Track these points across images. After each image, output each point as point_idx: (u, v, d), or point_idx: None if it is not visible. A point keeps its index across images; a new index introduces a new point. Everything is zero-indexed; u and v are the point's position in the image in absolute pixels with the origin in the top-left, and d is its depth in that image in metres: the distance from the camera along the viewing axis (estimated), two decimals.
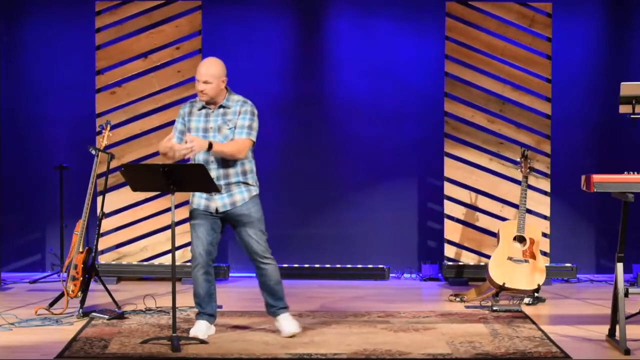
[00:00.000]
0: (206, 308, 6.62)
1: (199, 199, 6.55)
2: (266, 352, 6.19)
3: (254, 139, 6.60)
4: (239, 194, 6.55)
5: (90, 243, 8.11)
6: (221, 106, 6.57)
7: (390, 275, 9.25)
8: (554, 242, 9.01)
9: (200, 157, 6.50)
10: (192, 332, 6.55)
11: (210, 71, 6.50)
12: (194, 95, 8.92)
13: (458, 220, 9.04)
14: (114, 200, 8.90)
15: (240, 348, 6.30)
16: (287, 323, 6.66)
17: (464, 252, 9.03)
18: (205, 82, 6.49)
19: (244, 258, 9.33)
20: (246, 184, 6.58)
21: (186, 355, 6.11)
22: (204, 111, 6.57)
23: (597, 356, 6.17)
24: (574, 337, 6.68)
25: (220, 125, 6.52)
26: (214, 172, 6.47)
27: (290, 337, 6.59)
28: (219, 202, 6.53)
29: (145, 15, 8.99)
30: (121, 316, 7.23)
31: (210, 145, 6.38)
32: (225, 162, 6.50)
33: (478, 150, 9.03)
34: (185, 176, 6.33)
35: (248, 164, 6.60)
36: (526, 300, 7.90)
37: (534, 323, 7.10)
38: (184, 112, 6.62)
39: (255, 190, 6.62)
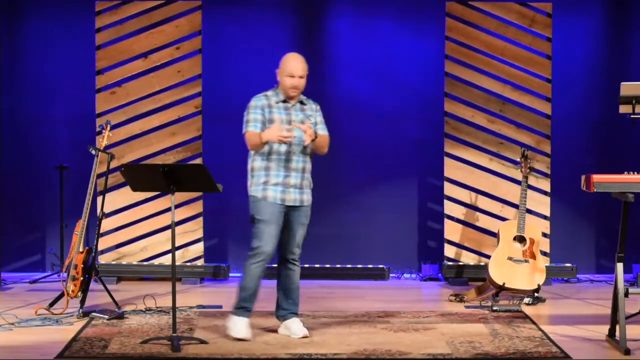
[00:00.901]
0: (251, 304, 6.56)
1: (275, 192, 6.47)
2: (266, 352, 6.19)
3: None
4: (306, 194, 6.58)
5: (90, 243, 8.11)
6: (300, 101, 6.59)
7: (390, 275, 9.25)
8: (554, 242, 9.01)
9: (283, 149, 6.45)
10: (238, 334, 6.44)
11: (303, 66, 6.53)
12: (195, 95, 9.00)
13: (458, 220, 9.04)
14: (114, 200, 8.90)
15: (240, 348, 6.30)
16: (298, 326, 6.63)
17: (464, 252, 9.03)
18: (301, 77, 6.50)
19: (244, 258, 9.42)
20: (310, 183, 6.61)
21: (186, 355, 6.11)
22: (282, 104, 6.54)
23: (597, 356, 6.17)
24: (574, 337, 6.68)
25: (302, 120, 6.52)
26: (295, 163, 6.49)
27: (304, 337, 6.54)
28: (293, 195, 6.51)
29: (145, 15, 9.00)
30: (121, 316, 7.22)
31: (316, 135, 6.46)
32: (305, 156, 6.54)
33: (478, 150, 9.03)
34: (185, 176, 6.34)
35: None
36: (526, 300, 7.90)
37: (534, 323, 7.09)
38: (262, 104, 6.52)
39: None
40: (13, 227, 9.30)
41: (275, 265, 6.27)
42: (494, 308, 7.56)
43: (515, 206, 8.72)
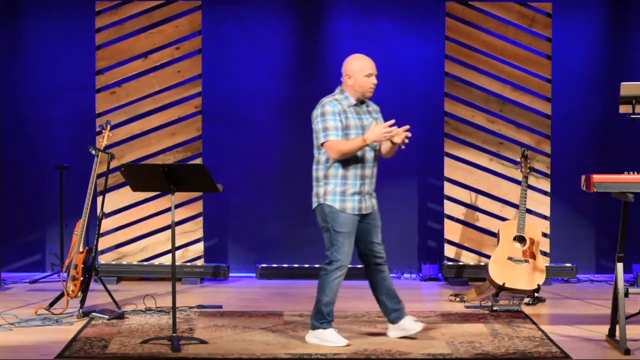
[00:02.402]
0: (333, 315, 6.44)
1: (353, 202, 6.32)
2: (266, 352, 6.19)
3: None
4: (375, 197, 6.50)
5: (90, 243, 8.11)
6: (366, 104, 6.47)
7: (391, 275, 9.21)
8: (554, 242, 9.01)
9: (359, 155, 6.33)
10: (339, 343, 6.30)
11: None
12: (195, 95, 8.99)
13: (458, 220, 9.03)
14: (114, 200, 8.90)
15: (240, 348, 6.30)
16: (412, 322, 6.53)
17: (464, 252, 9.03)
18: (377, 76, 6.37)
19: (244, 258, 9.44)
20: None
21: (186, 355, 6.10)
22: (352, 109, 6.38)
23: (597, 356, 6.17)
24: (574, 337, 6.68)
25: (372, 123, 6.38)
26: (370, 170, 6.41)
27: (421, 331, 6.48)
28: (368, 202, 6.42)
29: (145, 15, 8.99)
30: (121, 316, 7.22)
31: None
32: (375, 162, 6.44)
33: (478, 150, 9.03)
34: (185, 176, 6.33)
35: None
36: (526, 300, 7.90)
37: (534, 323, 7.09)
38: (338, 109, 6.30)
39: None
40: (13, 227, 9.30)
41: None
42: (494, 308, 7.56)
43: (515, 206, 8.72)
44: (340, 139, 6.26)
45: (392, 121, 6.28)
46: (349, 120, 6.31)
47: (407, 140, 6.30)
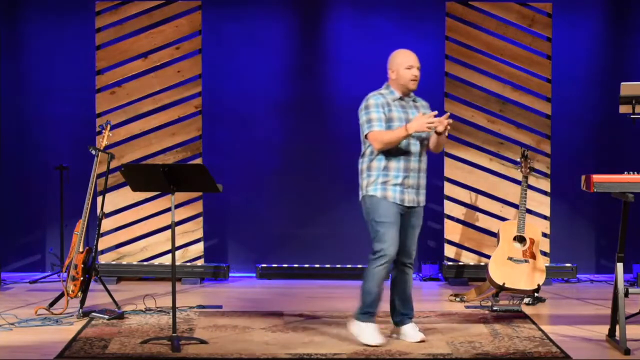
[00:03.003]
0: (376, 308, 6.43)
1: (394, 192, 6.29)
2: (266, 352, 6.19)
3: None
4: (423, 195, 6.44)
5: (90, 243, 8.11)
6: (412, 99, 6.48)
7: (390, 275, 9.21)
8: (554, 242, 9.01)
9: (403, 147, 6.28)
10: (370, 341, 6.33)
11: (417, 58, 6.42)
12: (195, 95, 8.99)
13: (458, 220, 9.04)
14: (114, 200, 8.91)
15: (240, 348, 6.30)
16: (415, 330, 6.53)
17: (464, 252, 9.03)
18: (419, 68, 6.39)
19: (244, 258, 9.44)
20: (425, 183, 6.47)
21: (186, 355, 6.11)
22: (397, 102, 6.39)
23: (597, 356, 6.17)
24: (574, 337, 6.68)
25: (419, 114, 6.37)
26: (416, 164, 6.35)
27: (420, 342, 6.44)
28: (412, 196, 6.36)
29: (145, 15, 9.00)
30: (121, 316, 7.23)
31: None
32: (422, 156, 6.39)
33: (478, 150, 9.03)
34: (185, 176, 6.34)
35: None
36: (526, 300, 7.90)
37: (534, 323, 7.10)
38: (380, 102, 6.34)
39: None
40: (13, 227, 9.30)
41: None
42: (494, 308, 7.56)
43: (515, 206, 8.72)
44: (383, 130, 6.29)
45: (436, 112, 6.26)
46: (392, 113, 6.34)
47: (449, 127, 6.28)
